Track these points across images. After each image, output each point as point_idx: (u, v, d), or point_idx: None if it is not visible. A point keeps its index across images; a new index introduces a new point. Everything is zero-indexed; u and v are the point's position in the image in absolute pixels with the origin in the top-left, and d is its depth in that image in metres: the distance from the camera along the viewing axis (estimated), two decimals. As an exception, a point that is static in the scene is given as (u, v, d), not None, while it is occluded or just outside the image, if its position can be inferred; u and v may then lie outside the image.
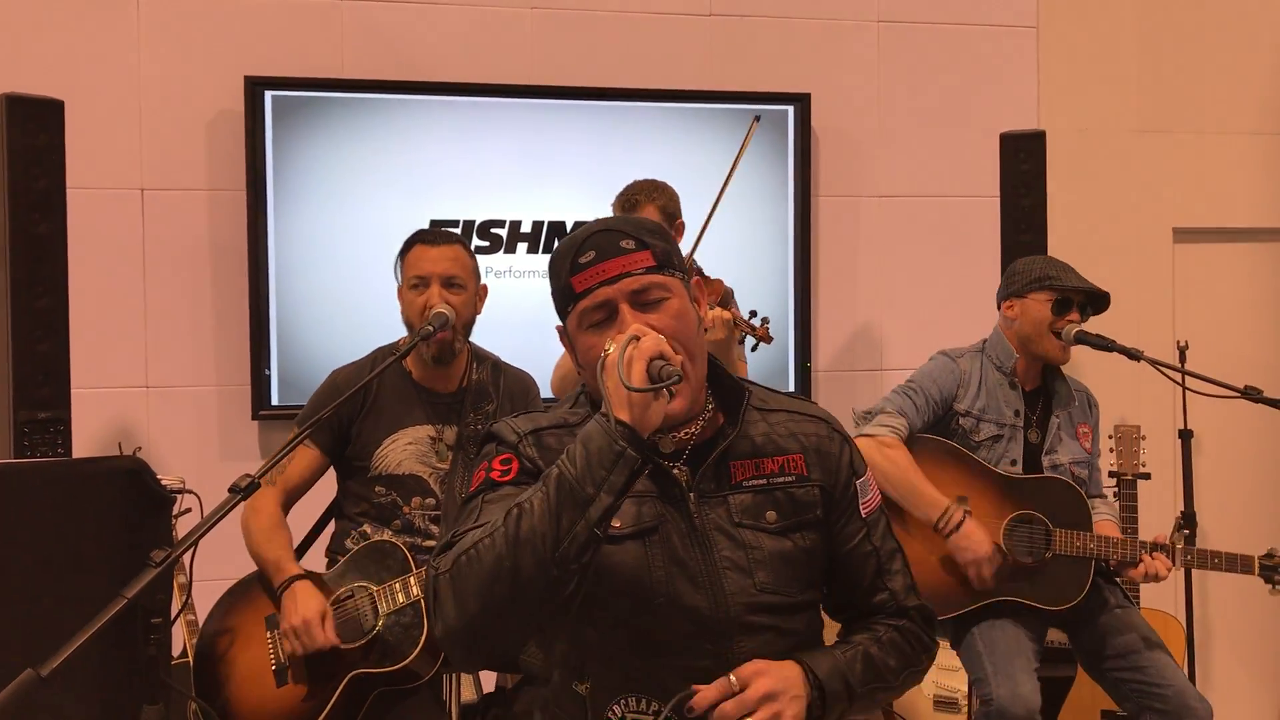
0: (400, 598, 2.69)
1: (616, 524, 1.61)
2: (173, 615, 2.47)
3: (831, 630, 1.84)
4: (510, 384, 2.98)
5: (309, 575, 2.76)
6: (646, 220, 1.73)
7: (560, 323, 1.74)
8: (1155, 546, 3.03)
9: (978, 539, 3.02)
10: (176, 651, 3.31)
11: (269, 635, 2.72)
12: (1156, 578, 3.02)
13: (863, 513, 1.77)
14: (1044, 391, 3.26)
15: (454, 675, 2.97)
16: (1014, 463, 3.16)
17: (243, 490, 2.03)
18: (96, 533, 2.28)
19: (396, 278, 2.92)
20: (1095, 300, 3.19)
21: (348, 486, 2.92)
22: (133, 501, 2.29)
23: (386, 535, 2.81)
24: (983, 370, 3.24)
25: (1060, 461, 3.18)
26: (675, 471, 1.70)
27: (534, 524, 1.49)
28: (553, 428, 1.72)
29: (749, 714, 1.58)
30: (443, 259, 2.81)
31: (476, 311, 2.91)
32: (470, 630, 1.52)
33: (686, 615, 1.63)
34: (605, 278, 1.64)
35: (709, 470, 1.70)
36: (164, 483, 2.45)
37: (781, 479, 1.72)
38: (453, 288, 2.81)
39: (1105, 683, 3.15)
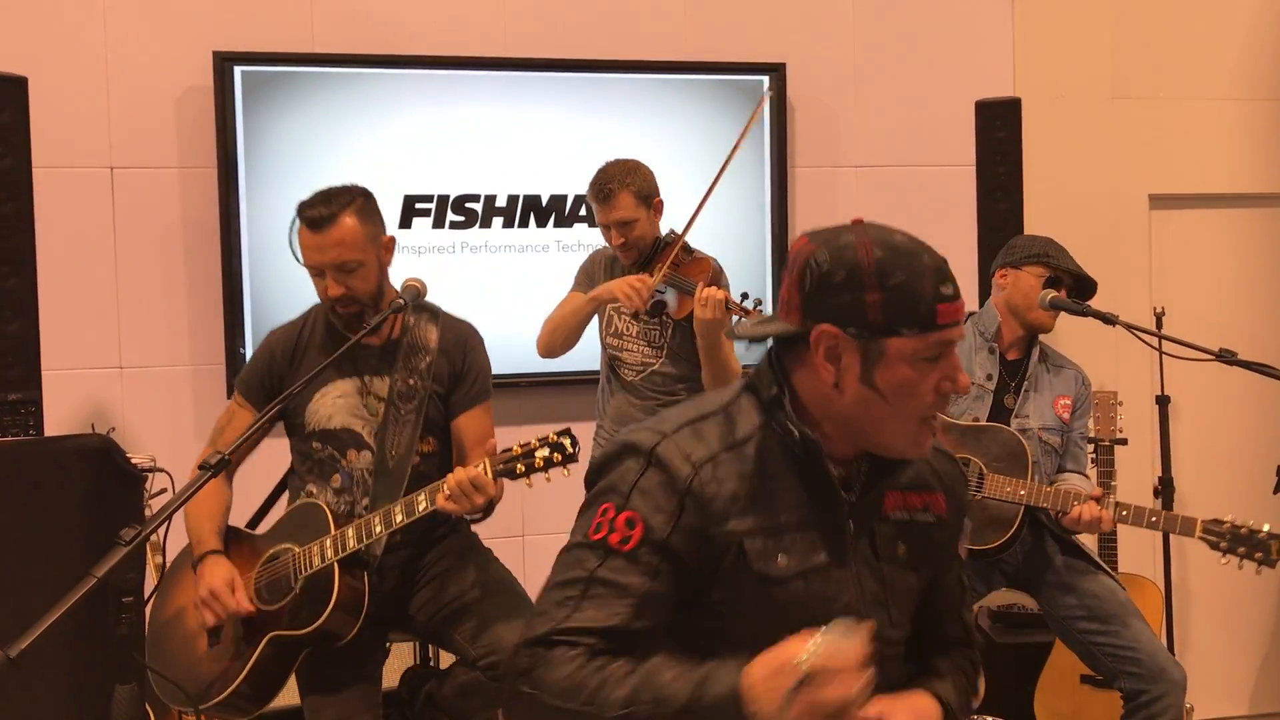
0: (317, 560, 2.64)
1: (782, 562, 1.54)
2: (148, 595, 2.46)
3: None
4: (446, 333, 2.84)
5: (241, 535, 2.79)
6: None
7: (838, 327, 1.52)
8: (1087, 498, 3.08)
9: None
10: (154, 632, 3.30)
11: None
12: (1096, 526, 3.07)
13: (961, 552, 1.75)
14: (1027, 362, 3.33)
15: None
16: (975, 420, 3.25)
17: (213, 467, 2.02)
18: (66, 512, 2.26)
19: (293, 251, 2.80)
20: (1084, 286, 3.27)
21: (294, 448, 2.90)
22: (102, 480, 2.28)
23: (325, 495, 2.78)
24: (971, 335, 3.34)
25: (1029, 426, 3.25)
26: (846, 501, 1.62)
27: None
28: (726, 451, 1.57)
29: None
30: (329, 246, 2.67)
31: (385, 270, 2.81)
32: None
33: None
34: (959, 318, 1.54)
35: (868, 500, 1.63)
36: (135, 461, 2.44)
37: (923, 517, 1.67)
38: (347, 272, 2.69)
39: (1078, 648, 3.19)
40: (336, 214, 2.67)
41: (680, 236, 3.46)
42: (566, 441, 2.52)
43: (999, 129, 3.89)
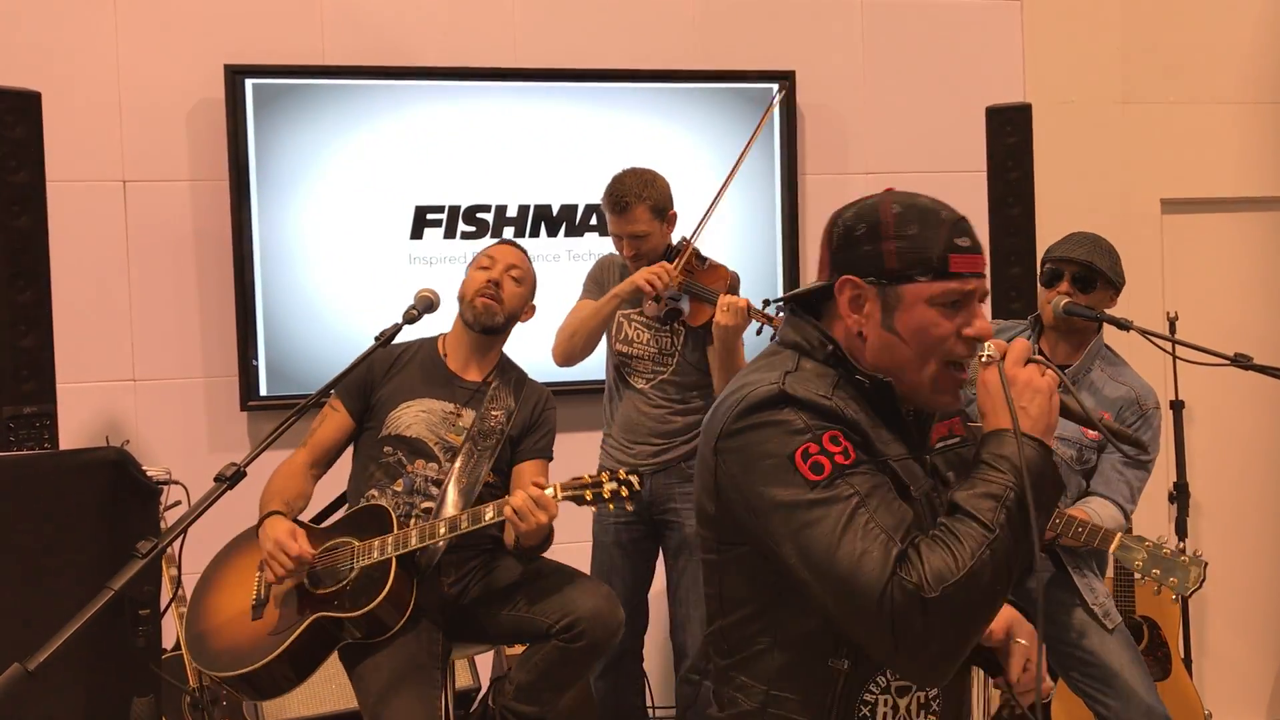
0: (375, 554, 2.80)
1: (915, 491, 1.64)
2: (163, 607, 2.47)
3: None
4: (530, 391, 3.15)
5: (301, 525, 2.91)
6: None
7: (859, 277, 1.65)
8: None
9: None
10: (170, 644, 3.30)
11: (257, 576, 2.87)
12: None
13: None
14: (1074, 368, 3.20)
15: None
16: None
17: (229, 479, 2.02)
18: (82, 525, 2.27)
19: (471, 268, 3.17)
20: (1089, 273, 3.11)
21: (360, 453, 3.04)
22: (118, 493, 2.28)
23: (385, 498, 2.92)
24: (1024, 338, 3.25)
25: None
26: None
27: (1011, 548, 1.51)
28: (835, 390, 1.65)
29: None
30: (513, 254, 3.13)
31: (522, 313, 3.16)
32: (963, 650, 1.54)
33: None
34: (978, 270, 1.65)
35: (924, 433, 1.75)
36: (150, 474, 2.44)
37: (951, 440, 1.78)
38: (513, 278, 3.09)
39: (1058, 667, 3.16)
40: (523, 252, 3.20)
41: (689, 242, 3.46)
42: (635, 480, 2.77)
43: (1010, 134, 3.87)
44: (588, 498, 2.75)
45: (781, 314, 3.25)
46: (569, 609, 2.85)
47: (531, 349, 3.71)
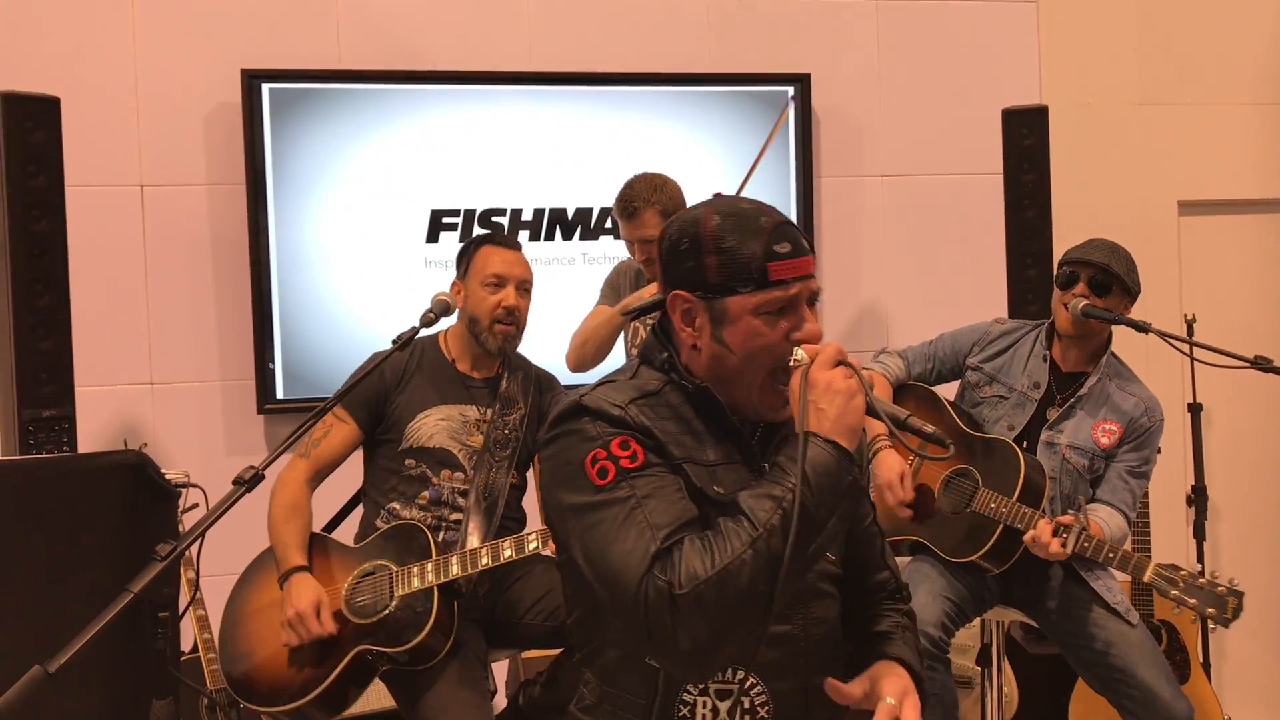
0: (415, 582, 2.78)
1: (720, 489, 1.64)
2: (181, 609, 2.47)
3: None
4: (536, 387, 3.13)
5: (330, 546, 2.89)
6: None
7: (688, 291, 1.68)
8: (1059, 526, 2.89)
9: (886, 465, 3.12)
10: (187, 646, 3.32)
11: None
12: (1040, 547, 2.87)
13: (872, 495, 1.81)
14: (1086, 377, 3.17)
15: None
16: (1011, 428, 3.14)
17: (247, 483, 2.03)
18: (101, 528, 2.28)
19: (458, 272, 3.08)
20: (1106, 277, 3.07)
21: (376, 464, 3.01)
22: (137, 496, 2.29)
23: (411, 510, 2.91)
24: (1033, 342, 3.24)
25: (1057, 441, 3.11)
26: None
27: (780, 549, 1.51)
28: (639, 399, 1.68)
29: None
30: (518, 264, 3.04)
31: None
32: (719, 647, 1.53)
33: None
34: (799, 274, 1.65)
35: (774, 441, 1.74)
36: (168, 477, 2.45)
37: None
38: (524, 292, 3.04)
39: (1080, 671, 3.14)
40: (519, 245, 3.11)
41: None
42: None
43: (1026, 137, 3.87)
44: None
45: None
46: None
47: (547, 352, 3.72)
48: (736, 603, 1.50)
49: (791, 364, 1.62)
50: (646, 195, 3.42)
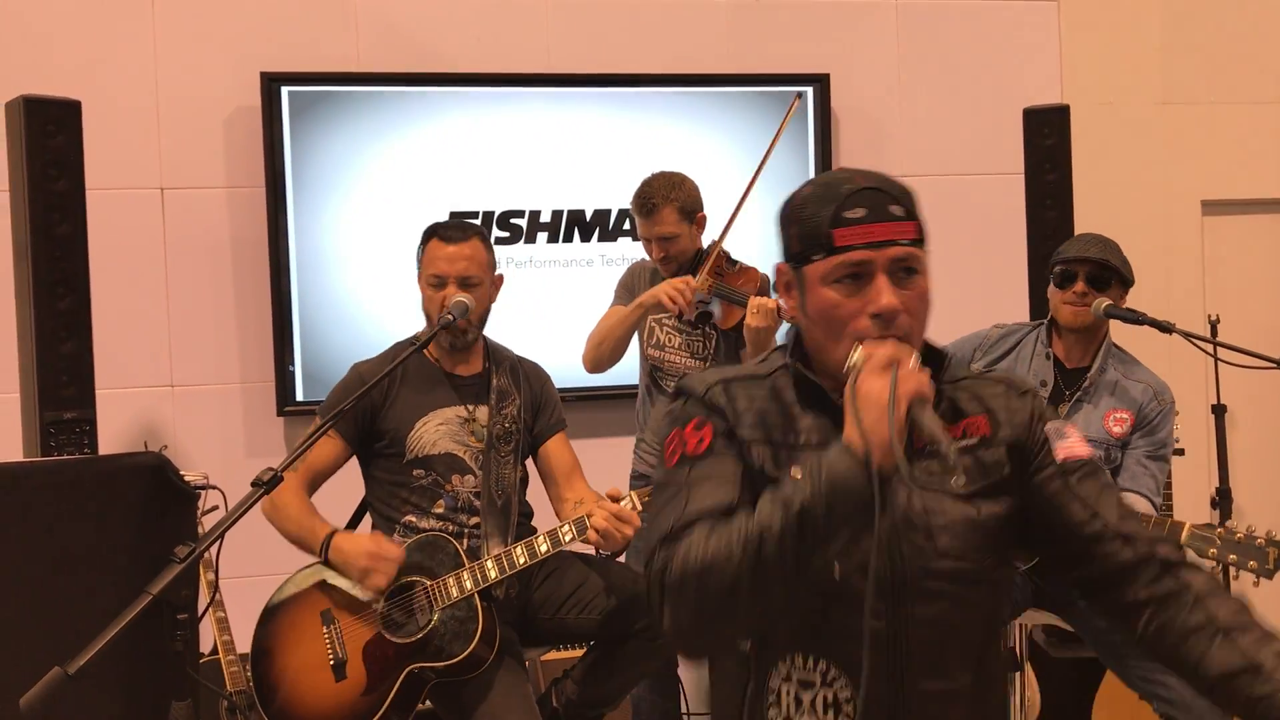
0: (454, 592, 2.76)
1: (796, 474, 1.55)
2: (201, 611, 2.48)
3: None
4: (525, 377, 3.07)
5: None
6: (905, 186, 1.63)
7: (784, 262, 1.65)
8: None
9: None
10: (207, 648, 3.32)
11: (325, 631, 2.78)
12: None
13: (1057, 457, 1.66)
14: (1089, 370, 3.17)
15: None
16: None
17: (265, 484, 2.03)
18: (121, 530, 2.28)
19: (418, 266, 2.98)
20: (1104, 271, 3.06)
21: (380, 479, 2.95)
22: (156, 498, 2.29)
23: (428, 521, 2.87)
24: (1034, 342, 3.23)
25: None
26: None
27: (776, 552, 1.46)
28: (740, 379, 1.68)
29: None
30: (459, 258, 2.88)
31: (492, 301, 3.00)
32: (703, 632, 1.53)
33: (862, 576, 1.55)
34: (871, 239, 1.55)
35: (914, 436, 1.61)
36: (187, 479, 2.45)
37: (964, 443, 1.65)
38: (468, 287, 2.88)
39: (1113, 666, 3.11)
40: (469, 234, 2.93)
41: (718, 244, 3.46)
42: None
43: (1047, 136, 3.84)
44: None
45: None
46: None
47: (565, 353, 3.72)
48: (716, 597, 1.48)
49: (846, 367, 1.54)
50: (665, 192, 3.41)
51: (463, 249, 2.88)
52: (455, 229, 2.95)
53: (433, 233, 2.96)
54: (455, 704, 2.80)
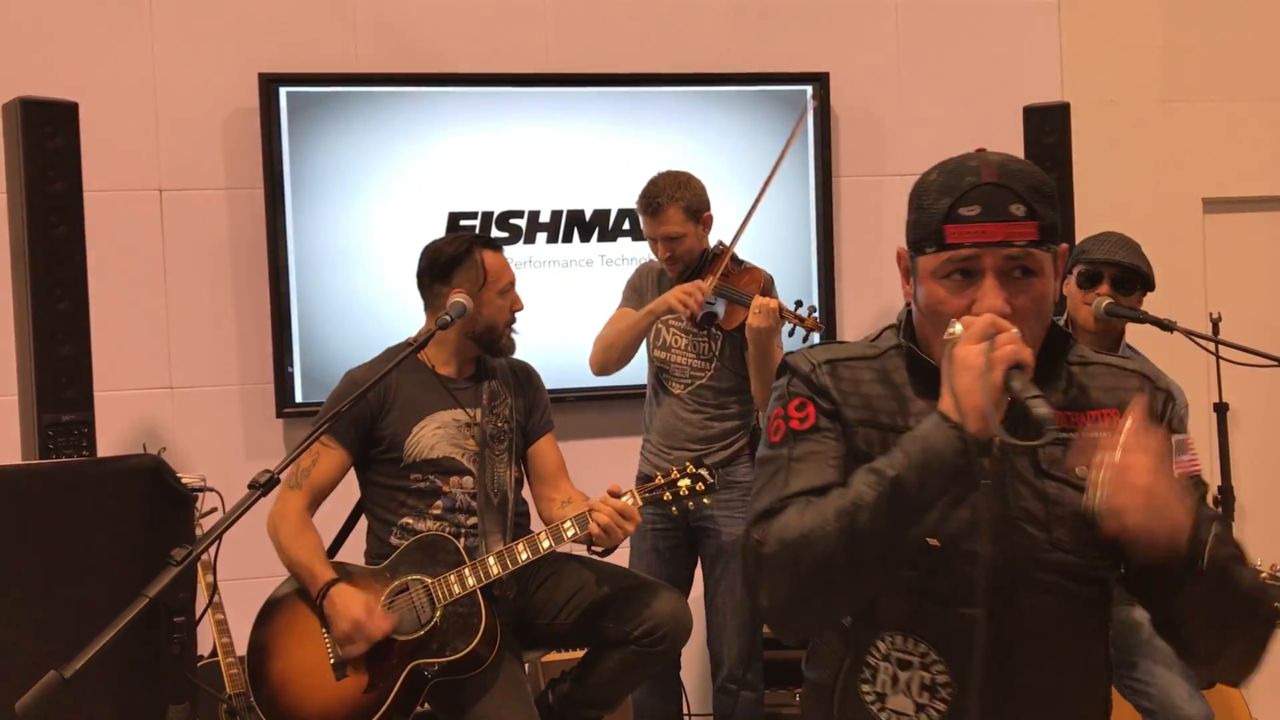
0: (456, 589, 2.77)
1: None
2: (199, 614, 2.47)
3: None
4: (517, 374, 3.12)
5: (350, 569, 2.85)
6: (1040, 178, 1.57)
7: (905, 247, 1.63)
8: None
9: None
10: (206, 650, 3.31)
11: (324, 632, 2.78)
12: None
13: (1174, 473, 1.59)
14: None
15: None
16: None
17: (262, 486, 2.02)
18: (117, 532, 2.27)
19: (463, 281, 2.96)
20: (1130, 275, 3.04)
21: (377, 484, 2.95)
22: (153, 500, 2.28)
23: (429, 524, 2.88)
24: None
25: None
26: None
27: (870, 526, 1.45)
28: (849, 360, 1.66)
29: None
30: (510, 266, 3.07)
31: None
32: (797, 609, 1.54)
33: (972, 563, 1.53)
34: (984, 239, 1.52)
35: (1020, 417, 1.51)
36: (185, 481, 2.44)
37: (1095, 434, 1.58)
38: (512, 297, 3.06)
39: None
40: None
41: (729, 248, 3.46)
42: (705, 473, 2.87)
43: (1048, 134, 3.83)
44: (666, 498, 2.86)
45: (815, 315, 3.25)
46: (650, 615, 2.85)
47: (567, 354, 3.71)
48: (812, 570, 1.47)
49: (945, 337, 1.50)
50: (671, 191, 3.41)
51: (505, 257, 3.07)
52: (498, 240, 3.16)
53: (483, 246, 3.02)
54: (454, 704, 2.80)
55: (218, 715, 3.16)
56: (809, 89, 4.31)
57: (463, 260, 2.98)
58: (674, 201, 3.40)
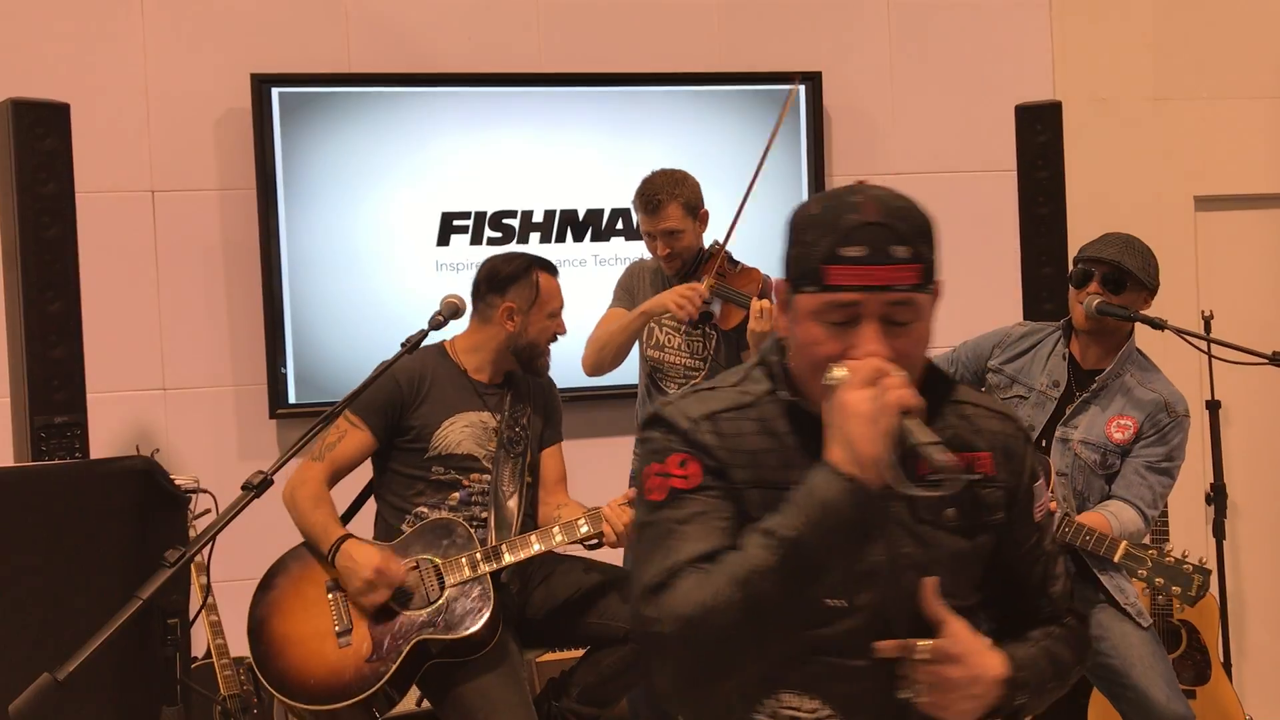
0: (467, 570, 2.83)
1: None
2: (192, 615, 2.47)
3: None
4: (536, 390, 3.19)
5: (362, 540, 2.89)
6: (922, 218, 1.52)
7: (784, 279, 1.55)
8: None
9: None
10: (200, 652, 3.31)
11: (330, 598, 2.82)
12: None
13: (1036, 517, 1.65)
14: (1104, 373, 3.12)
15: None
16: (1031, 428, 3.08)
17: (256, 487, 2.02)
18: (111, 535, 2.28)
19: (514, 298, 3.06)
20: (1120, 274, 3.02)
21: (396, 471, 3.01)
22: (146, 502, 2.29)
23: (443, 514, 2.93)
24: (1053, 341, 3.20)
25: (1071, 436, 3.08)
26: None
27: (771, 590, 1.39)
28: (725, 411, 1.56)
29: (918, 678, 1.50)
30: (562, 291, 3.15)
31: None
32: (702, 688, 1.48)
33: (857, 613, 1.51)
34: (865, 283, 1.45)
35: (909, 461, 1.51)
36: (178, 482, 2.44)
37: (969, 477, 1.57)
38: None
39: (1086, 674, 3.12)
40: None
41: (722, 247, 3.46)
42: None
43: (1040, 133, 3.83)
44: None
45: None
46: None
47: (561, 356, 3.70)
48: (714, 645, 1.41)
49: (825, 381, 1.44)
50: (669, 189, 3.43)
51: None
52: (550, 261, 3.17)
53: (541, 268, 3.11)
54: (449, 694, 2.80)
55: (212, 717, 3.16)
56: (801, 88, 4.31)
57: (520, 278, 3.07)
58: (673, 198, 3.41)
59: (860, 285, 1.45)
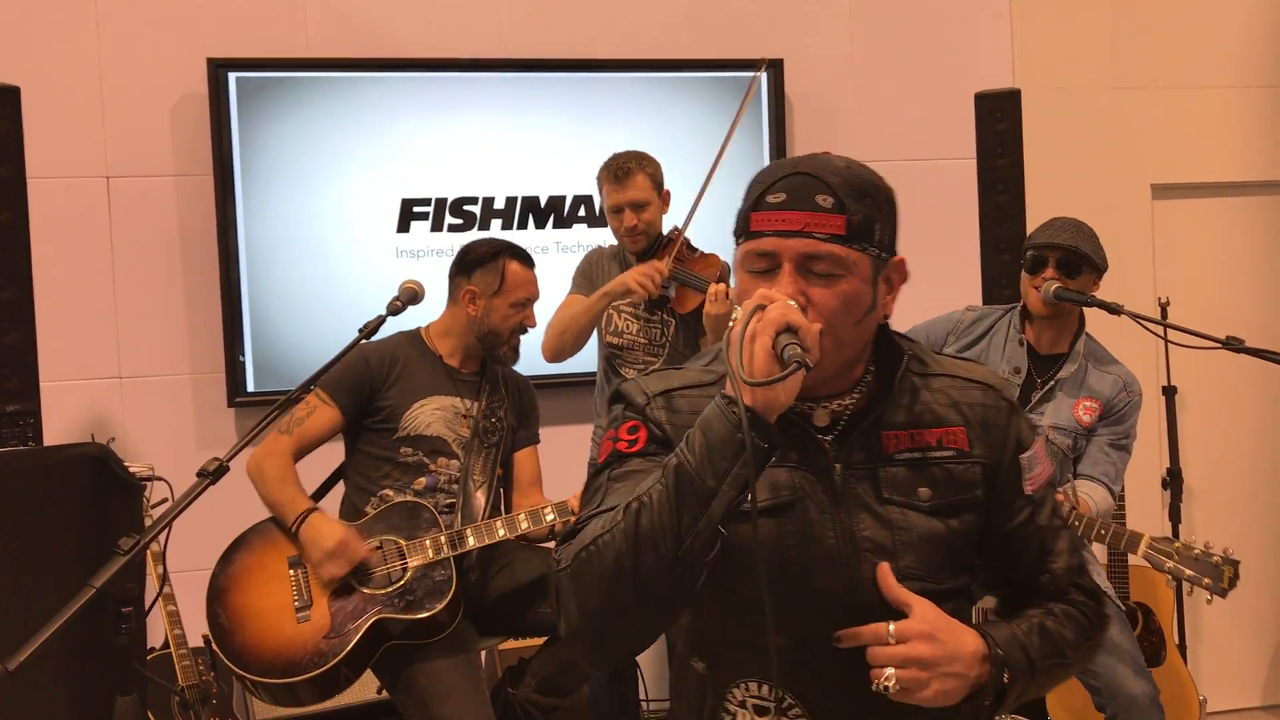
0: (430, 553, 2.83)
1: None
2: (148, 605, 2.44)
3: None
4: (514, 386, 3.22)
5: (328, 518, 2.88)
6: (866, 180, 1.50)
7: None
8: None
9: None
10: (159, 642, 3.28)
11: (291, 574, 2.81)
12: None
13: (1027, 489, 1.59)
14: (1064, 359, 3.19)
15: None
16: None
17: (211, 474, 2.00)
18: (64, 522, 2.25)
19: (479, 283, 3.06)
20: (1075, 258, 3.08)
21: (365, 451, 3.01)
22: (100, 490, 2.26)
23: (407, 496, 2.93)
24: (1006, 327, 3.24)
25: (1039, 423, 3.13)
26: (824, 442, 1.53)
27: (654, 520, 1.35)
28: (685, 388, 1.56)
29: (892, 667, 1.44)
30: (536, 283, 3.13)
31: None
32: (595, 630, 1.42)
33: (818, 599, 1.49)
34: (782, 228, 1.43)
35: (858, 440, 1.51)
36: (132, 470, 2.41)
37: (939, 454, 1.54)
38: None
39: None
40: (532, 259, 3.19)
41: (681, 232, 3.46)
42: None
43: (999, 121, 3.85)
44: None
45: None
46: None
47: (523, 342, 3.68)
48: (602, 578, 1.38)
49: (731, 322, 1.40)
50: (638, 160, 3.48)
51: (534, 275, 3.14)
52: (529, 255, 3.16)
53: (512, 256, 3.10)
54: (404, 678, 2.80)
55: (170, 708, 3.13)
56: (763, 76, 4.31)
57: (485, 262, 3.07)
58: (641, 168, 3.46)
59: (776, 230, 1.44)
